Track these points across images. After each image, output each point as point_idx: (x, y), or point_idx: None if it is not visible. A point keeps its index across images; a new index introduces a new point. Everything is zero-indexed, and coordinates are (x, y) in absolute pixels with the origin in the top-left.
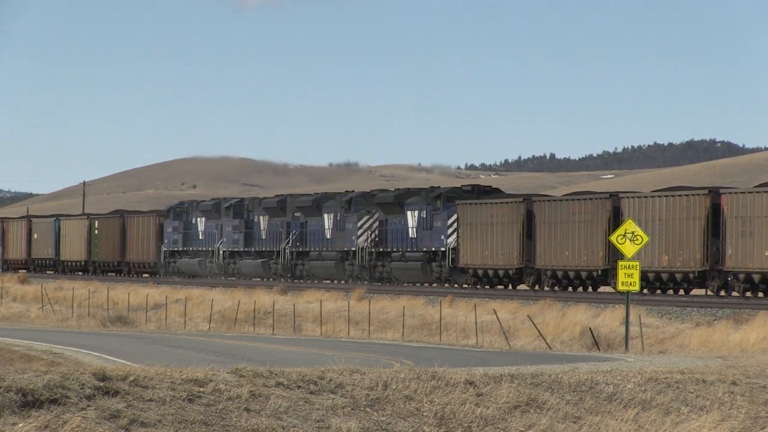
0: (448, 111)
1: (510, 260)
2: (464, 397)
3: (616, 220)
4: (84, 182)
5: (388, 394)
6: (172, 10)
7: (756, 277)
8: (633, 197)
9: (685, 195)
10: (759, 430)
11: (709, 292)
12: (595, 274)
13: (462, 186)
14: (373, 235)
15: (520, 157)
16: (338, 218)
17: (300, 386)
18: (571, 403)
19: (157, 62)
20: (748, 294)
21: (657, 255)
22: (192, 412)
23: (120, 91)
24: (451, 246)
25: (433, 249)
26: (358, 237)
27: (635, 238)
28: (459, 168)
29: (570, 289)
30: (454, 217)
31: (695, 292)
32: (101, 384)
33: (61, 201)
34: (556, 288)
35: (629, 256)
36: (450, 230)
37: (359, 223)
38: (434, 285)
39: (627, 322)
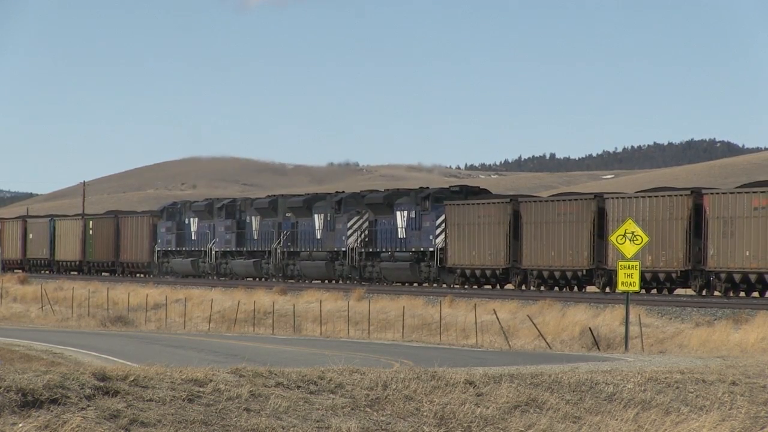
0: (448, 111)
1: (497, 260)
2: (464, 397)
3: (600, 221)
4: (84, 182)
5: (388, 394)
6: (174, 9)
7: (737, 277)
8: (617, 198)
9: (668, 195)
10: (759, 430)
11: (691, 291)
12: (579, 274)
13: (450, 186)
14: (362, 236)
15: (520, 157)
16: (328, 219)
17: (300, 386)
18: (571, 403)
19: (158, 62)
20: (731, 294)
21: (640, 255)
22: (192, 412)
23: (120, 91)
24: (440, 246)
25: (422, 249)
26: (348, 237)
27: (635, 238)
28: (459, 168)
29: (556, 289)
30: (443, 217)
31: (679, 291)
32: (101, 384)
33: (61, 201)
34: (542, 288)
35: (629, 256)
36: (438, 230)
37: (349, 224)
38: (424, 285)
39: (627, 322)
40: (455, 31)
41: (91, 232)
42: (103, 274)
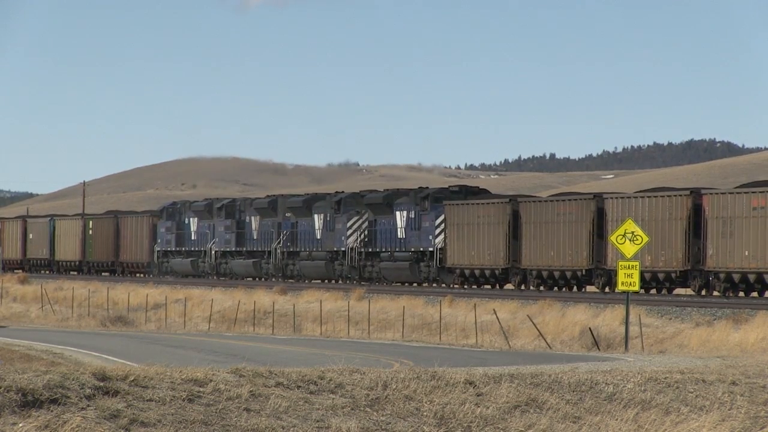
0: (448, 111)
1: (496, 260)
2: (464, 397)
3: (600, 221)
4: (84, 182)
5: (388, 394)
6: (174, 9)
7: (736, 277)
8: (616, 198)
9: (668, 195)
10: (759, 430)
11: (691, 291)
12: (579, 274)
13: (450, 186)
14: (362, 236)
15: (520, 157)
16: (328, 218)
17: (300, 386)
18: (571, 403)
19: (158, 62)
20: (729, 294)
21: (639, 255)
22: (192, 412)
23: (120, 90)
24: (439, 246)
25: (421, 249)
26: (348, 237)
27: (635, 238)
28: (459, 168)
29: (555, 289)
30: (442, 217)
31: (678, 291)
32: (101, 384)
33: (61, 201)
34: (541, 288)
35: (629, 256)
36: (438, 230)
37: (349, 224)
38: (423, 285)
39: (627, 322)
40: (455, 31)
41: (90, 232)
42: (102, 274)
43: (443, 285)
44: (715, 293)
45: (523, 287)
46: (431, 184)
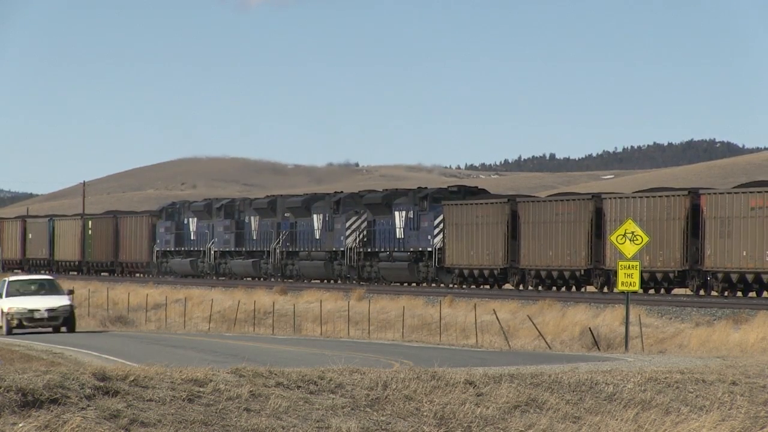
0: (448, 111)
1: (495, 260)
2: (464, 397)
3: (598, 221)
4: (84, 182)
5: (388, 394)
6: (173, 9)
7: (734, 277)
8: (615, 198)
9: (666, 196)
10: (759, 430)
11: (689, 291)
12: (577, 274)
13: (449, 187)
14: (361, 236)
15: (520, 157)
16: (327, 219)
17: (300, 386)
18: (571, 403)
19: (157, 62)
20: (727, 293)
21: (638, 254)
22: (192, 412)
23: (120, 90)
24: (438, 246)
25: (420, 249)
26: (347, 237)
27: (635, 238)
28: (459, 168)
29: (554, 289)
30: (441, 217)
31: (677, 291)
32: (101, 384)
33: (61, 201)
34: (540, 288)
35: (629, 256)
36: (437, 230)
37: (348, 224)
38: (422, 285)
39: (627, 322)
40: (455, 30)
41: (90, 232)
42: (102, 274)
43: (442, 285)
44: (714, 293)
45: (521, 287)
46: (431, 184)
